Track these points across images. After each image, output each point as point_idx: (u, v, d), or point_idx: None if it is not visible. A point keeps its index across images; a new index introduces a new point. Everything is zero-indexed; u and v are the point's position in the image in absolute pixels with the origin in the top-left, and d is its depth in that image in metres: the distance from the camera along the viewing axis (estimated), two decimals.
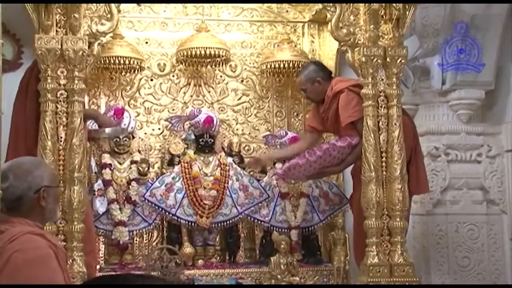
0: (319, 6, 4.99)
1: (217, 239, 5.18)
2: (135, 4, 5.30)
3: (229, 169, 5.10)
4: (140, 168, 5.00)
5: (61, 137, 4.05)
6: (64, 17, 4.13)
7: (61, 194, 3.85)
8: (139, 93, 5.41)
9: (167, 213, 4.98)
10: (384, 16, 4.46)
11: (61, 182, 3.99)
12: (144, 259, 4.98)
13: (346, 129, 4.58)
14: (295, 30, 5.64)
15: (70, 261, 3.92)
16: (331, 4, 4.49)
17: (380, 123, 4.40)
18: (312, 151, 4.61)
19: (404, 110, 4.80)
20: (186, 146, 5.14)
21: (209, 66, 5.40)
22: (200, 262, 5.00)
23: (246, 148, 5.52)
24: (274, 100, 5.60)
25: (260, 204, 5.11)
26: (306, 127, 5.27)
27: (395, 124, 4.38)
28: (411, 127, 4.77)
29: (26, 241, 2.49)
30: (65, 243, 3.95)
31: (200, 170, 5.05)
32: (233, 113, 5.54)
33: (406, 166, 4.46)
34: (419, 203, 5.30)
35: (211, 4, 5.42)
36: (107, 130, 4.77)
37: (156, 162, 5.30)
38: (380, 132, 4.40)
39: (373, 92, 4.38)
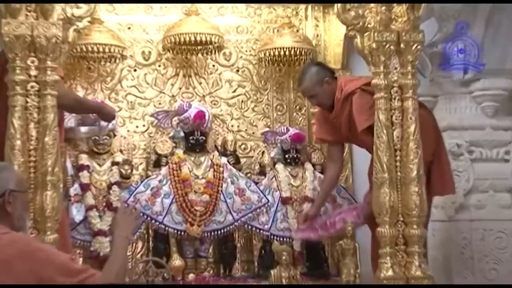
0: None
1: (210, 250, 5.13)
2: None
3: (223, 171, 5.04)
4: (123, 170, 4.94)
5: (32, 136, 3.79)
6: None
7: (30, 201, 3.63)
8: (120, 85, 5.35)
9: (153, 221, 4.90)
10: None
11: (32, 186, 3.78)
12: (127, 274, 4.70)
13: (363, 134, 4.45)
14: (297, 13, 5.60)
15: None
16: None
17: (394, 117, 4.17)
18: (326, 226, 4.74)
19: (422, 103, 4.60)
20: (174, 145, 5.07)
21: (200, 55, 5.36)
22: (191, 276, 4.91)
23: (243, 146, 5.44)
24: (273, 92, 5.54)
25: (258, 210, 5.05)
26: (315, 140, 5.25)
27: (411, 119, 4.16)
28: (431, 121, 4.64)
29: (13, 238, 2.54)
30: None
31: (190, 172, 5.00)
32: (228, 107, 5.48)
33: (429, 165, 4.35)
34: (440, 208, 5.12)
35: None
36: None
37: (141, 163, 5.25)
38: (393, 127, 4.17)
39: (386, 82, 4.17)
